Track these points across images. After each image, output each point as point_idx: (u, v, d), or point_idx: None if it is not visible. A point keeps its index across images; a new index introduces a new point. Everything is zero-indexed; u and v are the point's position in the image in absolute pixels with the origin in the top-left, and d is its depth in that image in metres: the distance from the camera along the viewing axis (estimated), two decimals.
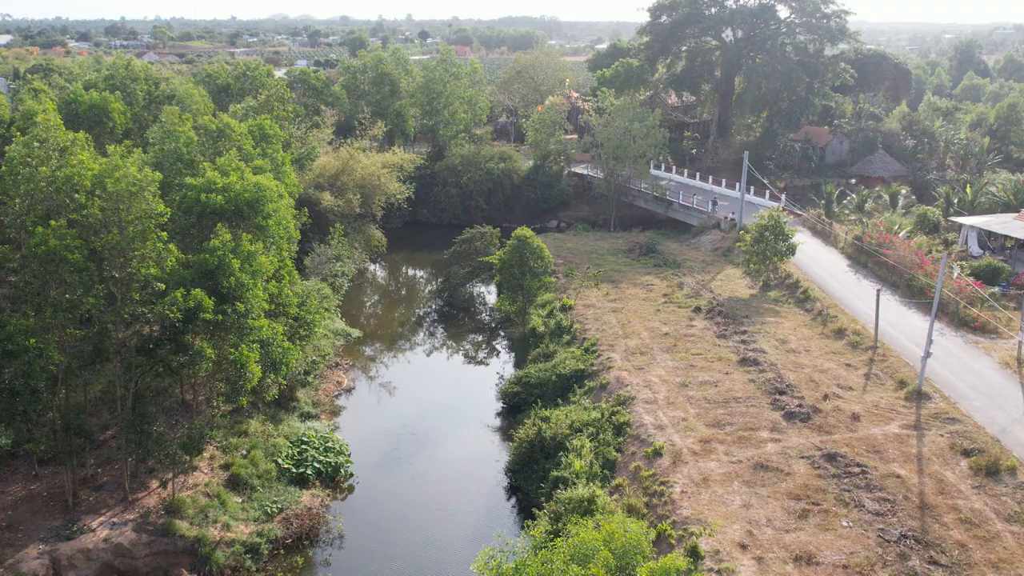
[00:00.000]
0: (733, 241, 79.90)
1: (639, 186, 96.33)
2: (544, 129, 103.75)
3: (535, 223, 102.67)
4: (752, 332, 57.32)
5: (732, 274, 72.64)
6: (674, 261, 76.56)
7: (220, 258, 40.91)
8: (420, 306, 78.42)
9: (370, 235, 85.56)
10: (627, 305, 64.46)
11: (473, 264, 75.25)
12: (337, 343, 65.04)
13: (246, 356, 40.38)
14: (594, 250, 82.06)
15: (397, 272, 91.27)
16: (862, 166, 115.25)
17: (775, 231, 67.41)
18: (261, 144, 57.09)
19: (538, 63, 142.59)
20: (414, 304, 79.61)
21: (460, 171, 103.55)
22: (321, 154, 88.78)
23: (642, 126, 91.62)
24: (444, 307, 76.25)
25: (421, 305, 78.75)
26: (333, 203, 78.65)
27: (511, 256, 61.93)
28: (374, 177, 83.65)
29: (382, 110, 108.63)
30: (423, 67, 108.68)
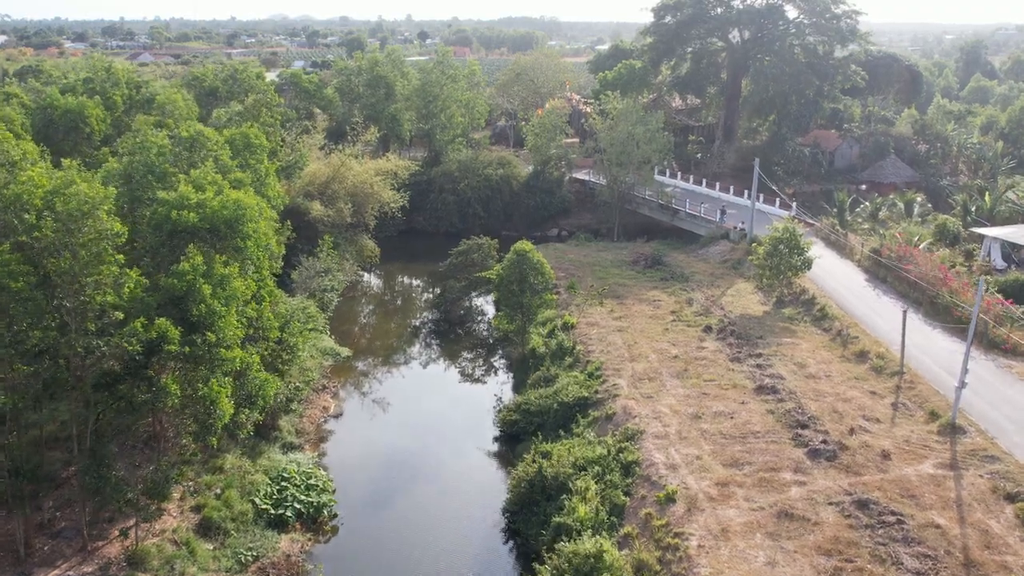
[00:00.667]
0: (743, 253, 76.11)
1: (643, 193, 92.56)
2: (544, 134, 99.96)
3: (535, 232, 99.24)
4: (768, 355, 53.50)
5: (743, 289, 68.82)
6: (682, 274, 72.73)
7: (189, 283, 37.10)
8: (414, 321, 74.59)
9: (362, 245, 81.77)
10: (633, 323, 60.65)
11: (470, 278, 71.47)
12: (325, 363, 61.31)
13: (216, 391, 36.58)
14: (597, 262, 78.25)
15: (391, 283, 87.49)
16: (873, 171, 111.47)
17: (790, 244, 63.63)
18: (243, 154, 53.25)
19: (538, 64, 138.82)
20: (408, 318, 75.79)
21: (457, 177, 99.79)
22: (312, 160, 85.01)
23: (646, 130, 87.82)
24: (439, 322, 72.46)
25: (415, 320, 74.92)
26: (323, 213, 74.86)
27: (510, 272, 58.15)
28: (366, 185, 79.88)
29: (376, 114, 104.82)
30: (419, 69, 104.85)
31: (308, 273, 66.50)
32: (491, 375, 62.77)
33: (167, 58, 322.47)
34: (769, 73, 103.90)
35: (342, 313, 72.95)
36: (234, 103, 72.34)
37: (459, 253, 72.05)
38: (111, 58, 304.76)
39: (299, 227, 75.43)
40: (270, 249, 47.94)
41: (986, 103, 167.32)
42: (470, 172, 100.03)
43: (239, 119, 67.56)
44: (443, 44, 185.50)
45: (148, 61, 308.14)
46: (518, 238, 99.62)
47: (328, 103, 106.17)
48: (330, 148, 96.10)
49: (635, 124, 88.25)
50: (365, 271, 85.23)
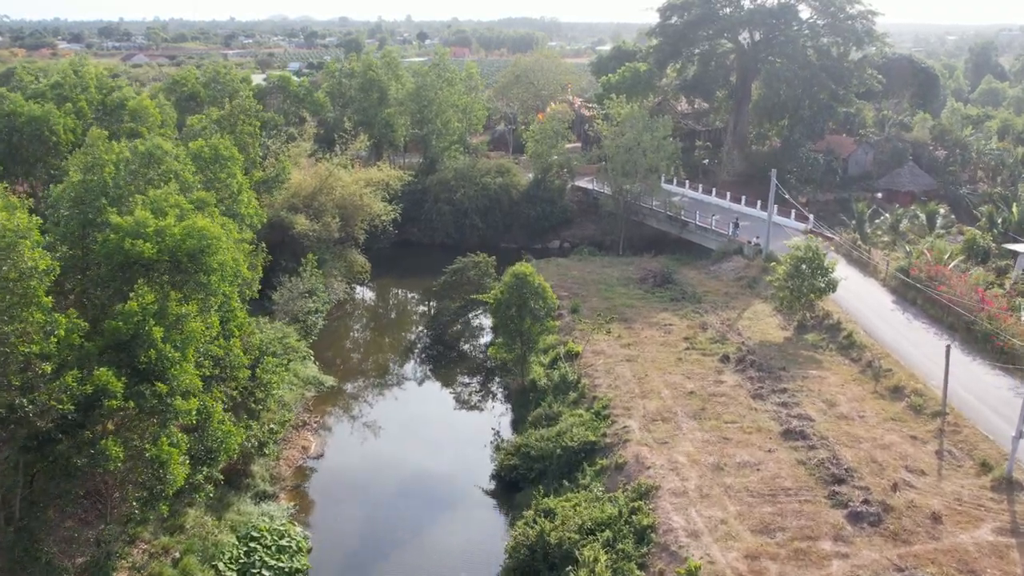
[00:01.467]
0: (759, 270, 71.05)
1: (650, 203, 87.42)
2: (545, 140, 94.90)
3: (535, 243, 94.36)
4: (793, 390, 48.42)
5: (761, 311, 63.75)
6: (693, 294, 67.62)
7: (137, 325, 32.13)
8: (406, 344, 69.48)
9: (352, 261, 76.72)
10: (643, 352, 55.56)
11: (465, 299, 66.46)
12: (307, 394, 56.33)
13: (167, 452, 31.56)
14: (602, 279, 73.16)
15: (382, 300, 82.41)
16: (890, 179, 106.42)
17: (813, 264, 58.52)
18: (212, 167, 48.16)
19: (538, 66, 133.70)
20: (400, 340, 70.68)
21: (453, 186, 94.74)
22: (299, 170, 80.00)
23: (653, 138, 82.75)
24: (433, 344, 67.36)
25: (407, 342, 69.80)
26: (308, 227, 69.80)
27: (508, 296, 53.08)
28: (355, 197, 74.79)
29: (369, 119, 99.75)
30: (414, 73, 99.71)
31: (290, 295, 61.44)
32: (488, 406, 57.77)
33: (162, 59, 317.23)
34: (781, 76, 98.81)
35: (328, 335, 67.91)
36: (212, 109, 67.24)
37: (454, 271, 67.05)
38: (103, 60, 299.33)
39: (283, 242, 70.70)
40: (240, 276, 42.93)
41: (997, 105, 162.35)
42: (467, 181, 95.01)
43: (216, 128, 62.52)
44: (441, 45, 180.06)
45: (142, 62, 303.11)
46: (517, 250, 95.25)
47: (319, 107, 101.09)
48: (320, 155, 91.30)
49: (642, 131, 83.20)
50: (355, 287, 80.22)
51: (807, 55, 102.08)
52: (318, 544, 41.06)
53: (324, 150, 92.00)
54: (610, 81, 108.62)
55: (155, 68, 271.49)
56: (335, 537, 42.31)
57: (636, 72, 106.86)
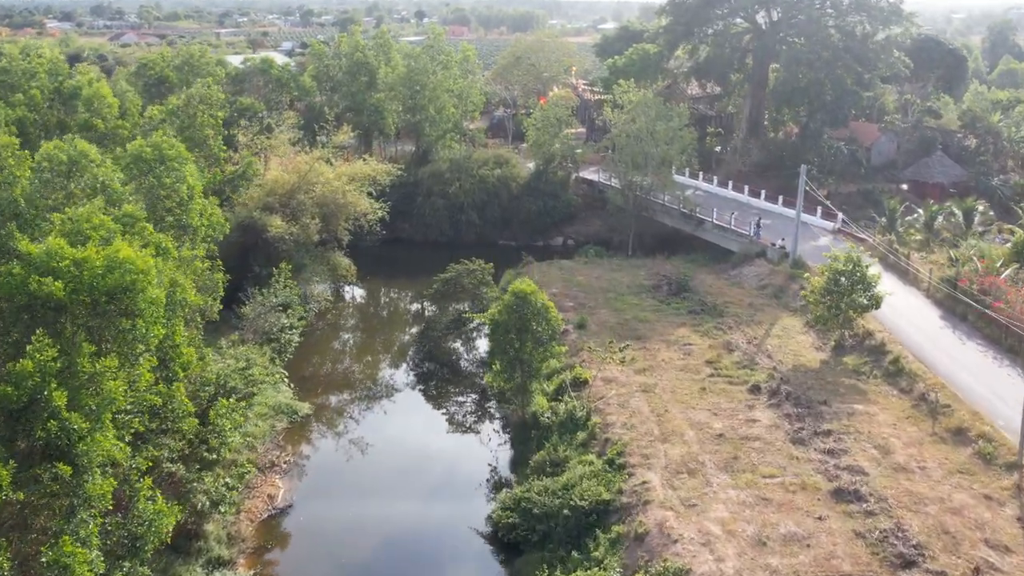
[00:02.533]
0: (785, 277, 64.04)
1: (662, 198, 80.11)
2: (548, 128, 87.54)
3: (537, 240, 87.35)
4: (839, 432, 41.57)
5: (791, 327, 56.79)
6: (714, 305, 60.55)
7: (35, 389, 25.23)
8: (394, 359, 62.48)
9: (335, 264, 69.66)
10: (661, 379, 48.65)
11: (458, 311, 59.57)
12: (278, 426, 49.47)
13: (69, 553, 24.71)
14: (611, 286, 66.12)
15: (369, 306, 75.37)
16: (917, 169, 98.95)
17: (853, 277, 51.46)
18: (157, 171, 41.01)
19: (540, 47, 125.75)
20: (387, 355, 63.67)
21: (448, 179, 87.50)
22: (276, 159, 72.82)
23: (667, 127, 75.43)
24: (423, 361, 60.43)
25: (395, 357, 62.78)
26: (285, 229, 62.63)
27: (508, 318, 46.08)
28: (338, 194, 67.57)
29: (357, 105, 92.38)
30: (405, 55, 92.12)
31: (262, 310, 54.43)
32: (484, 437, 50.86)
33: (152, 38, 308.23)
34: (803, 58, 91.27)
35: (307, 351, 60.94)
36: (171, 98, 59.82)
37: (445, 281, 60.06)
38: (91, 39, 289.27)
39: (256, 245, 63.78)
40: (187, 305, 35.97)
41: (1017, 87, 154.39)
42: (463, 173, 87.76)
43: (174, 119, 55.36)
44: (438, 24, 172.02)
45: (131, 42, 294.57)
46: (517, 248, 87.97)
47: (303, 92, 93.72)
48: (305, 145, 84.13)
49: (654, 119, 75.88)
50: (340, 291, 73.25)
51: (830, 36, 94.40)
52: None
53: (309, 139, 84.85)
54: (617, 64, 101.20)
55: (143, 48, 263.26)
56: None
57: (645, 54, 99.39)
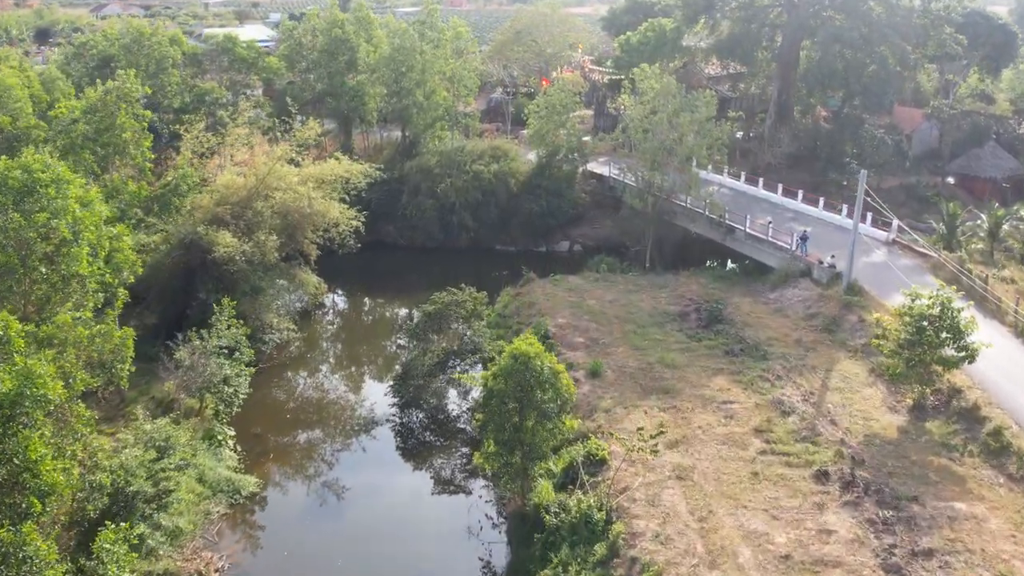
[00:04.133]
0: (838, 305, 53.18)
1: (684, 200, 68.99)
2: (552, 116, 76.31)
3: (539, 245, 76.65)
4: (943, 552, 31.06)
5: (852, 374, 46.08)
6: (755, 344, 49.68)
7: None
8: (367, 408, 51.63)
9: (301, 283, 58.98)
10: (699, 457, 38.06)
11: (445, 353, 48.94)
12: (215, 511, 39.05)
13: None
14: (629, 313, 55.32)
15: (342, 331, 64.46)
16: (966, 161, 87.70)
17: (941, 325, 40.67)
18: (27, 201, 30.13)
19: (541, 21, 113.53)
20: (359, 401, 52.81)
21: (437, 174, 76.38)
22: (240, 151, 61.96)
23: (692, 118, 64.25)
24: (404, 411, 49.83)
25: (369, 405, 51.94)
26: (235, 247, 51.70)
27: (505, 386, 35.33)
28: (303, 201, 56.55)
29: (334, 88, 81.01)
30: (391, 31, 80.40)
31: (197, 358, 43.68)
32: (475, 523, 40.42)
33: (136, 9, 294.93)
34: (845, 36, 79.72)
35: (260, 397, 50.31)
36: (89, 90, 48.66)
37: (428, 316, 49.17)
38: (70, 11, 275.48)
39: (204, 266, 53.01)
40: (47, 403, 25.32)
41: None
42: (454, 167, 76.68)
43: (93, 118, 44.34)
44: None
45: (113, 13, 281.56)
46: (516, 255, 76.83)
47: (273, 74, 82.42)
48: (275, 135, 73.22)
49: (677, 109, 64.70)
50: (308, 313, 62.56)
51: (871, 9, 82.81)
52: None
53: (283, 128, 73.89)
54: (630, 42, 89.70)
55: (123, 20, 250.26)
56: None
57: (661, 31, 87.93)
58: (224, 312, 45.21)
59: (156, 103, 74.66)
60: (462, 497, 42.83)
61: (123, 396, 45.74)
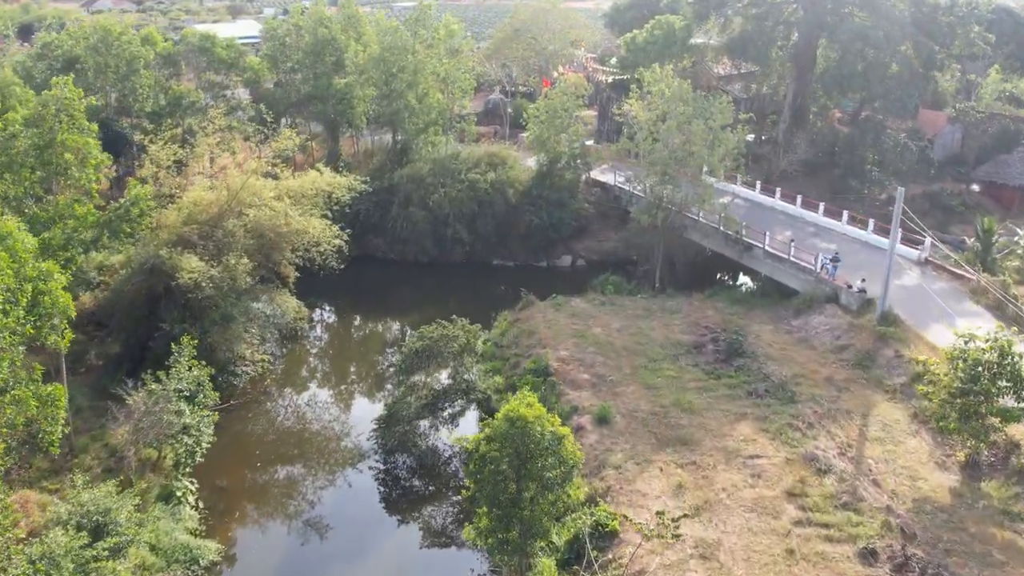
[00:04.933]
0: (872, 336, 47.92)
1: (697, 213, 63.69)
2: (554, 121, 71.02)
3: (539, 260, 71.50)
4: None
5: (892, 420, 40.90)
6: (781, 383, 44.39)
7: None
8: (350, 451, 46.32)
9: (279, 306, 53.71)
10: (724, 529, 32.90)
11: (435, 393, 43.74)
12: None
13: None
14: (639, 343, 50.08)
15: (325, 358, 59.09)
16: (994, 168, 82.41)
17: (1000, 372, 35.46)
18: None
19: (542, 17, 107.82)
20: (340, 445, 47.40)
21: (430, 184, 71.05)
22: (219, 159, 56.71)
23: (707, 127, 58.93)
24: (389, 456, 44.59)
25: (352, 448, 46.61)
26: (202, 272, 46.42)
27: (499, 453, 30.10)
28: (280, 218, 51.24)
29: (320, 91, 75.63)
30: (380, 31, 74.84)
31: (155, 402, 38.47)
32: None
33: (129, 3, 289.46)
34: (868, 35, 74.28)
35: (228, 442, 45.05)
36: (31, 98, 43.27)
37: (415, 352, 43.90)
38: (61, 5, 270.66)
39: (169, 293, 47.85)
40: None
41: None
42: (448, 176, 71.37)
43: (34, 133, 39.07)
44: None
45: (105, 8, 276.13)
46: (515, 271, 71.47)
47: (255, 76, 77.06)
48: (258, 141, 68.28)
49: (690, 117, 59.37)
50: (287, 339, 57.34)
51: (895, 6, 77.41)
52: None
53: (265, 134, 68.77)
54: (636, 40, 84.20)
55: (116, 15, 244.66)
56: None
57: (669, 29, 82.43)
58: (184, 352, 39.90)
59: (126, 108, 69.41)
60: (453, 552, 37.68)
61: (72, 445, 40.57)
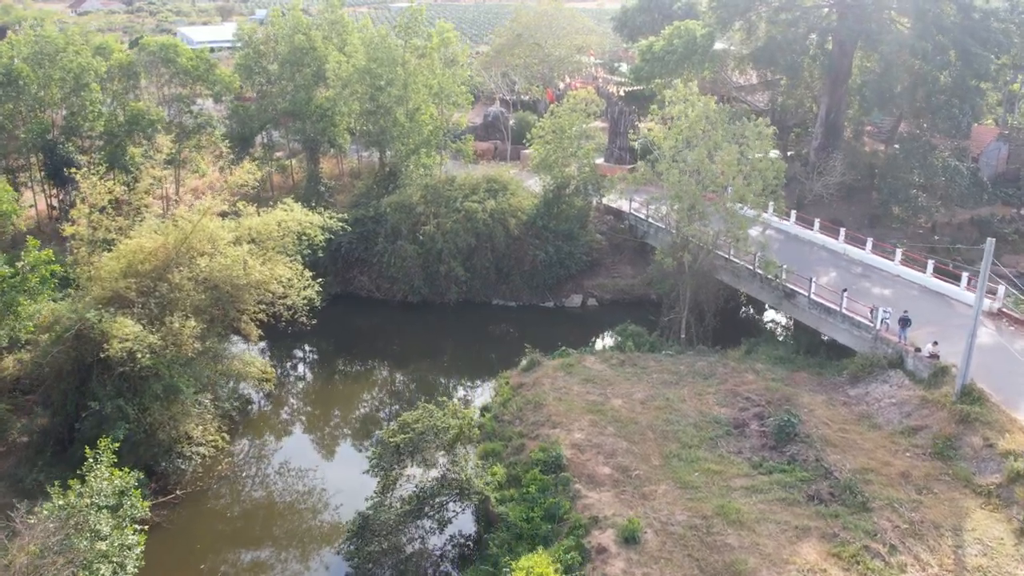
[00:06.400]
0: (952, 419, 39.35)
1: (727, 251, 55.25)
2: (563, 143, 62.73)
3: (545, 300, 63.50)
4: None
5: (993, 538, 32.44)
6: (848, 485, 35.83)
7: None
8: (318, 567, 37.88)
9: (241, 371, 45.36)
10: None
11: (425, 493, 35.34)
12: None
13: None
14: (668, 423, 41.55)
15: (292, 427, 49.94)
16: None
17: None
18: None
19: (545, 22, 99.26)
20: (307, 555, 38.95)
21: (421, 213, 62.73)
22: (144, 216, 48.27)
23: (739, 153, 50.46)
24: (367, 571, 36.07)
25: (320, 562, 38.17)
26: (137, 340, 37.92)
27: None
28: (237, 269, 42.71)
29: (298, 107, 67.20)
30: (364, 42, 66.08)
31: (61, 519, 30.03)
32: None
33: (118, 4, 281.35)
34: (916, 46, 65.83)
35: (166, 549, 36.64)
36: None
37: (395, 448, 35.36)
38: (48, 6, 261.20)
39: (101, 366, 39.54)
40: None
41: None
42: (442, 204, 63.06)
43: None
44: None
45: (93, 9, 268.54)
46: (518, 312, 62.96)
47: (225, 88, 68.59)
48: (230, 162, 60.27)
49: (720, 141, 50.90)
50: (250, 406, 48.98)
51: (944, 14, 68.91)
52: None
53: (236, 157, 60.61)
54: (652, 49, 75.78)
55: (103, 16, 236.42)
56: None
57: (690, 37, 74.00)
58: (103, 459, 31.41)
59: (75, 127, 61.01)
60: None
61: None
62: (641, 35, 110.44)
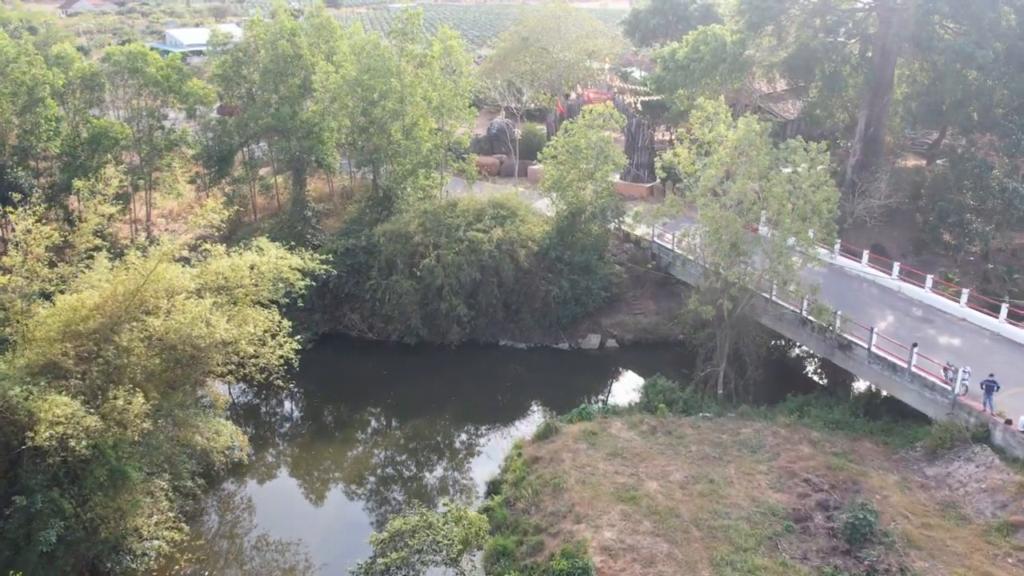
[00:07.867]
0: None
1: (770, 292, 48.24)
2: (579, 164, 55.82)
3: (559, 340, 56.40)
4: None
5: None
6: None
7: None
8: None
9: (207, 445, 38.36)
10: None
11: None
12: None
13: None
14: (715, 514, 34.56)
15: (270, 497, 43.08)
16: None
17: None
18: None
19: (553, 25, 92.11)
20: None
21: (419, 243, 55.67)
22: None
23: (795, 186, 43.48)
24: None
25: None
26: (73, 421, 30.93)
27: None
28: (199, 330, 35.63)
29: (282, 122, 60.15)
30: (356, 51, 58.89)
31: None
32: None
33: (111, 5, 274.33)
34: (973, 54, 58.66)
35: None
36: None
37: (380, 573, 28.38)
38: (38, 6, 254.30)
39: (31, 456, 32.56)
40: None
41: None
42: (443, 234, 56.01)
43: None
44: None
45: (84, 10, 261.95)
46: (529, 355, 55.82)
47: (199, 100, 61.59)
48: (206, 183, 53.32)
49: (766, 169, 43.90)
50: (221, 476, 41.98)
51: (1002, 18, 61.89)
52: None
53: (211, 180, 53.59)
54: (675, 57, 68.74)
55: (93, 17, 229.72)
56: None
57: (718, 43, 66.93)
58: None
59: (29, 148, 54.03)
60: None
61: None
62: (654, 39, 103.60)
